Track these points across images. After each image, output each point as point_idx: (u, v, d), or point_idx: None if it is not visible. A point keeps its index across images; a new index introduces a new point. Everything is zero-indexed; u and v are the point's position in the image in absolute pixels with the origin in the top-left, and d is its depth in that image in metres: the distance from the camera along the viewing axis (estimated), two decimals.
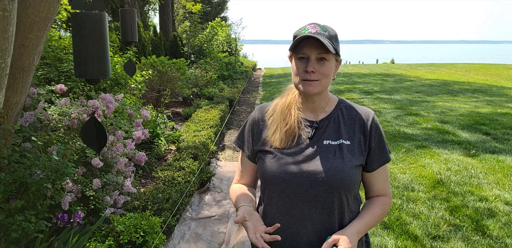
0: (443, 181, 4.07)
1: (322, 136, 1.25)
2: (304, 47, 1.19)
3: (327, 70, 1.20)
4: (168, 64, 7.57)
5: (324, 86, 1.22)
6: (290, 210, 1.23)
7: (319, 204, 1.20)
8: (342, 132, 1.25)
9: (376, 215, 1.26)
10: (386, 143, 1.29)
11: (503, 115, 7.20)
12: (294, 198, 1.21)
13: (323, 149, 1.22)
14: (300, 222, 1.22)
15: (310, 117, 1.29)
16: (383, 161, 1.27)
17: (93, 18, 1.18)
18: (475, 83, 12.23)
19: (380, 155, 1.27)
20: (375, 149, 1.26)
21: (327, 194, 1.19)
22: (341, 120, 1.27)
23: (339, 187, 1.19)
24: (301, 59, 1.20)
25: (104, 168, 2.93)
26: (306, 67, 1.19)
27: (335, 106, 1.30)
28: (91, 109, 2.91)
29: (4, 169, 2.18)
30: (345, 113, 1.29)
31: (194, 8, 18.32)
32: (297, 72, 1.21)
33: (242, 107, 9.26)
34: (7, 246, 2.08)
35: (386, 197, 1.31)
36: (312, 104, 1.29)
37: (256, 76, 17.51)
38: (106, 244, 2.53)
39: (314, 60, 1.19)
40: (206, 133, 5.34)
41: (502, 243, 2.89)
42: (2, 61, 1.90)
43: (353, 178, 1.21)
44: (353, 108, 1.30)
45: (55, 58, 3.96)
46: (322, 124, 1.27)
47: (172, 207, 3.27)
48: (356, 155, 1.22)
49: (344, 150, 1.22)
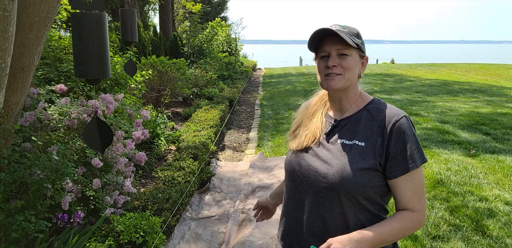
0: (443, 181, 4.07)
1: (338, 135, 1.25)
2: (324, 45, 1.22)
3: (349, 64, 1.20)
4: (168, 64, 7.57)
5: (347, 80, 1.21)
6: (298, 200, 1.28)
7: (321, 199, 1.21)
8: (359, 133, 1.20)
9: (392, 229, 1.15)
10: (414, 151, 1.16)
11: (503, 115, 7.20)
12: (302, 190, 1.26)
13: (335, 147, 1.22)
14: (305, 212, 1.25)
15: (336, 115, 1.30)
16: (405, 170, 1.15)
17: (93, 18, 1.18)
18: (475, 83, 12.23)
19: (403, 162, 1.15)
20: (397, 155, 1.15)
21: (327, 192, 1.19)
22: (362, 120, 1.22)
23: (337, 188, 1.16)
24: (323, 58, 1.23)
25: (104, 168, 2.94)
26: (327, 63, 1.21)
27: (363, 106, 1.26)
28: (91, 109, 2.91)
29: (4, 169, 2.18)
30: (371, 113, 1.22)
31: (194, 8, 18.32)
32: (320, 70, 1.24)
33: (242, 107, 9.26)
34: (7, 246, 2.09)
35: (414, 212, 1.17)
36: (338, 103, 1.29)
37: (256, 76, 17.51)
38: (106, 244, 2.53)
39: (335, 56, 1.21)
40: (206, 133, 5.34)
41: (502, 243, 2.89)
42: (2, 61, 1.91)
43: (355, 180, 1.14)
44: (382, 109, 1.22)
45: (55, 58, 3.96)
46: (342, 122, 1.26)
47: (172, 207, 3.27)
48: (367, 158, 1.15)
49: (355, 151, 1.17)
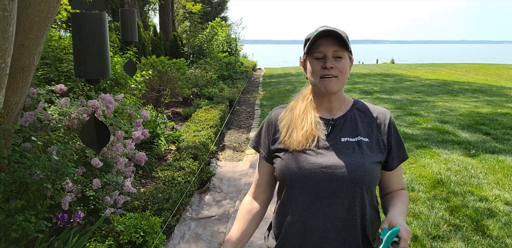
0: (443, 181, 4.07)
1: (339, 134, 1.25)
2: (319, 46, 1.20)
3: (344, 66, 1.21)
4: (168, 64, 7.57)
5: (342, 83, 1.23)
6: (310, 206, 1.21)
7: (339, 200, 1.19)
8: (360, 130, 1.25)
9: (407, 205, 1.29)
10: (402, 141, 1.31)
11: (503, 115, 7.20)
12: (314, 194, 1.20)
13: (341, 145, 1.22)
14: (319, 218, 1.21)
15: (327, 116, 1.29)
16: (403, 159, 1.30)
17: (93, 18, 1.18)
18: (475, 83, 12.23)
19: (400, 153, 1.29)
20: (395, 147, 1.27)
21: (347, 189, 1.18)
22: (358, 118, 1.28)
23: (360, 183, 1.18)
24: (317, 59, 1.22)
25: (104, 168, 2.93)
26: (324, 64, 1.20)
27: (351, 106, 1.31)
28: (91, 109, 2.91)
29: (4, 169, 2.18)
30: (362, 112, 1.30)
31: (194, 8, 18.32)
32: (314, 71, 1.23)
33: (242, 107, 9.26)
34: (7, 246, 2.09)
35: (404, 190, 1.36)
36: (328, 104, 1.29)
37: (256, 76, 17.51)
38: (106, 244, 2.53)
39: (331, 57, 1.20)
40: (206, 133, 5.34)
41: (502, 243, 2.89)
42: (2, 61, 1.91)
43: (373, 173, 1.20)
44: (369, 108, 1.32)
45: (55, 58, 3.96)
46: (338, 122, 1.27)
47: (172, 207, 3.27)
48: (375, 152, 1.23)
49: (363, 146, 1.22)
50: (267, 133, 1.35)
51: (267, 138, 1.35)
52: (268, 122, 1.37)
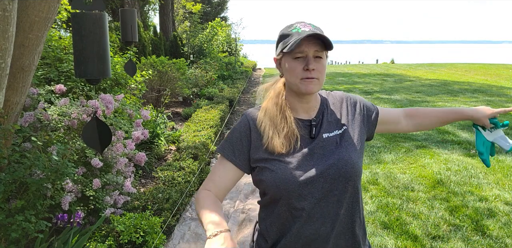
0: (443, 181, 4.08)
1: (320, 131, 1.24)
2: (301, 46, 1.15)
3: (324, 67, 1.20)
4: (168, 64, 7.57)
5: (322, 84, 1.22)
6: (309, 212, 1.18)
7: (335, 198, 1.19)
8: (336, 121, 1.27)
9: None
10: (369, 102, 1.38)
11: (503, 115, 7.20)
12: (311, 199, 1.17)
13: (325, 143, 1.22)
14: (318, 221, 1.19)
15: (304, 116, 1.27)
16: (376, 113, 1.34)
17: (93, 18, 1.18)
18: (475, 83, 12.23)
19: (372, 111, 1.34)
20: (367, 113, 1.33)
21: (342, 186, 1.18)
22: (330, 111, 1.29)
23: (353, 176, 1.19)
24: (297, 58, 1.17)
25: (104, 168, 2.94)
26: (306, 65, 1.16)
27: (320, 101, 1.31)
28: (91, 109, 2.91)
29: (4, 169, 2.18)
30: (329, 103, 1.31)
31: (194, 8, 18.32)
32: (294, 71, 1.18)
33: (242, 107, 9.26)
34: (7, 246, 2.09)
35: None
36: (306, 104, 1.27)
37: (256, 76, 17.51)
38: (106, 244, 2.54)
39: (312, 58, 1.17)
40: (206, 133, 5.34)
41: (502, 243, 2.89)
42: (2, 61, 1.91)
43: (360, 164, 1.23)
44: (332, 96, 1.35)
45: (55, 58, 3.96)
46: (317, 120, 1.27)
47: (172, 207, 3.27)
48: (356, 136, 1.26)
49: (344, 138, 1.24)
50: (245, 139, 1.24)
51: (244, 145, 1.24)
52: (244, 127, 1.26)
